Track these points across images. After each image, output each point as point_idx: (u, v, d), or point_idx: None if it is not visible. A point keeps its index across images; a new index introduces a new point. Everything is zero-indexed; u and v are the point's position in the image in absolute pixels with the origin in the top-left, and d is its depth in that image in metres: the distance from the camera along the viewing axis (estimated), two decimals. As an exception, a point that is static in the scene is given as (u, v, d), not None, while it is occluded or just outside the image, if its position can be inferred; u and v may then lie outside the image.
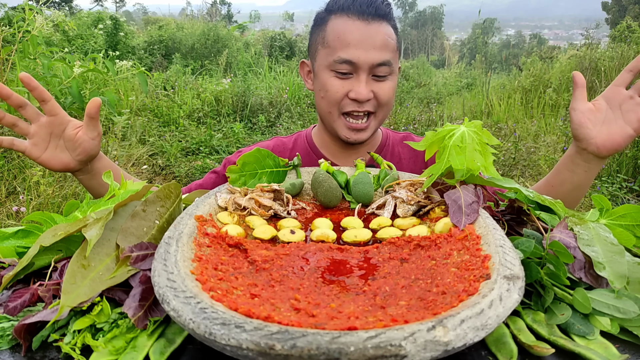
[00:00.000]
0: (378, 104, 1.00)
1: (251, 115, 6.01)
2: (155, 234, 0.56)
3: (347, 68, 0.96)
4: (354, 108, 0.98)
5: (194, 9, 27.51)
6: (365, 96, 0.96)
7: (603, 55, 6.62)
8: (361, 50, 0.95)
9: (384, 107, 1.01)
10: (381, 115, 1.02)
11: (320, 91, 1.01)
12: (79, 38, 9.19)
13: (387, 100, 1.00)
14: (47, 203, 2.71)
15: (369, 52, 0.95)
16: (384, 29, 0.97)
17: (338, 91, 0.98)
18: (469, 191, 0.60)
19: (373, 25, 0.96)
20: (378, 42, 0.96)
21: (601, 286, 0.50)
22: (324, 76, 1.00)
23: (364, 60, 0.95)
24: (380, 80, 0.98)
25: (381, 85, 0.99)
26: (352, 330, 0.34)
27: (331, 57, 0.97)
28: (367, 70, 0.96)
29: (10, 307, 0.49)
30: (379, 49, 0.96)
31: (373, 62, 0.96)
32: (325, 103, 1.01)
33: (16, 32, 2.57)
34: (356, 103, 0.98)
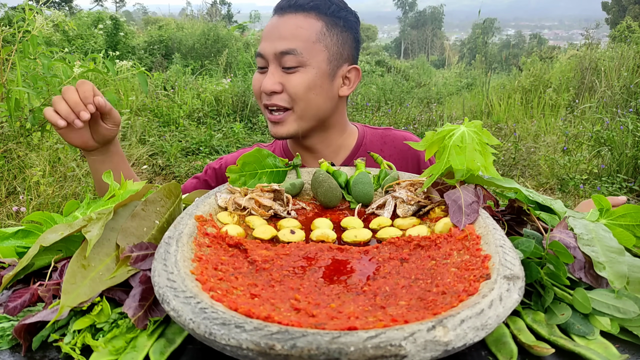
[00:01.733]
0: (289, 97, 0.96)
1: (251, 115, 6.01)
2: (155, 234, 0.56)
3: (261, 62, 0.98)
4: (264, 101, 0.98)
5: (194, 9, 27.52)
6: (268, 88, 0.95)
7: (603, 55, 6.63)
8: (267, 41, 0.96)
9: (298, 102, 0.96)
10: (299, 111, 0.97)
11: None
12: (79, 38, 9.20)
13: (296, 93, 0.95)
14: (47, 203, 2.71)
15: (273, 42, 0.95)
16: (296, 19, 0.95)
17: (255, 85, 1.00)
18: (469, 191, 0.60)
19: (285, 17, 0.97)
20: (284, 31, 0.95)
21: (601, 286, 0.50)
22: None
23: (267, 50, 0.96)
24: (290, 72, 0.95)
25: (289, 77, 0.95)
26: (352, 330, 0.34)
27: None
28: (274, 61, 0.95)
29: (10, 307, 0.49)
30: (284, 38, 0.94)
31: (275, 51, 0.94)
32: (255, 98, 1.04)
33: (16, 32, 2.57)
34: (267, 96, 0.97)
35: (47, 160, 2.91)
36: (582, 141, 4.43)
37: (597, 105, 5.70)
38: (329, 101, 1.00)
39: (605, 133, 4.02)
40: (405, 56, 38.22)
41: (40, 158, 2.89)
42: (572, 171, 3.91)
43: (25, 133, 2.84)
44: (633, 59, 6.01)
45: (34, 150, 2.93)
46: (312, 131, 1.03)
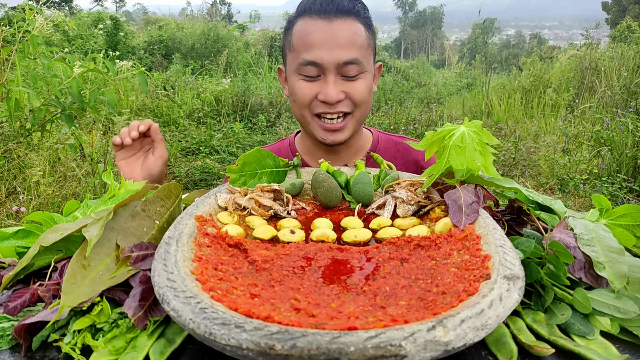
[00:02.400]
0: (352, 103, 0.96)
1: (251, 115, 6.01)
2: (155, 234, 0.56)
3: (313, 70, 0.93)
4: (325, 109, 0.95)
5: (194, 9, 27.54)
6: (334, 98, 0.92)
7: (603, 55, 6.63)
8: (324, 50, 0.91)
9: (360, 107, 0.97)
10: (359, 115, 0.98)
11: (291, 95, 0.99)
12: (79, 38, 9.20)
13: (361, 99, 0.96)
14: (47, 203, 2.71)
15: (334, 51, 0.91)
16: (348, 25, 0.93)
17: (306, 94, 0.95)
18: (469, 191, 0.60)
19: (336, 22, 0.92)
20: (342, 39, 0.92)
21: (601, 286, 0.50)
22: (292, 80, 0.97)
23: (328, 60, 0.91)
24: (351, 80, 0.94)
25: (353, 85, 0.95)
26: (352, 330, 0.34)
27: (297, 61, 0.94)
28: (333, 70, 0.92)
29: (10, 307, 0.49)
30: (344, 47, 0.92)
31: (338, 61, 0.91)
32: (297, 107, 0.99)
33: (16, 32, 2.57)
34: (326, 105, 0.94)
35: (47, 160, 2.91)
36: (582, 141, 4.43)
37: (597, 105, 5.70)
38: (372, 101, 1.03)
39: (605, 133, 4.02)
40: (405, 56, 38.22)
41: (40, 158, 2.89)
42: (572, 171, 3.91)
43: (25, 133, 2.84)
44: (633, 59, 6.01)
45: (34, 150, 2.93)
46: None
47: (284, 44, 1.03)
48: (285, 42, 1.01)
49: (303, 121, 1.01)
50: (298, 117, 1.02)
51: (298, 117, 1.02)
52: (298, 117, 1.02)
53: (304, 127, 1.03)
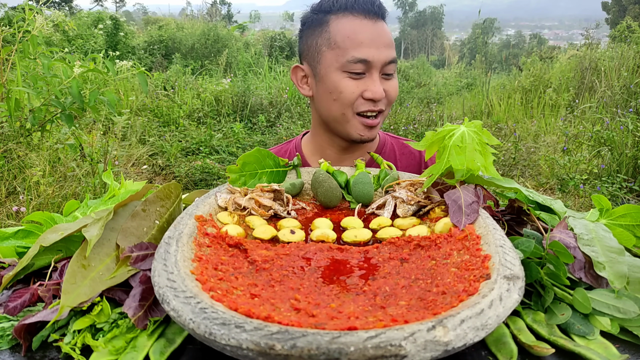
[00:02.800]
0: (388, 102, 1.00)
1: (251, 115, 6.01)
2: (155, 234, 0.56)
3: (361, 67, 0.95)
4: (369, 107, 0.97)
5: (194, 9, 27.53)
6: (381, 95, 0.96)
7: (603, 55, 6.63)
8: (374, 48, 0.95)
9: (390, 105, 1.02)
10: (387, 112, 1.03)
11: (333, 93, 0.98)
12: (79, 38, 9.20)
13: (394, 97, 1.01)
14: (47, 203, 2.71)
15: (381, 50, 0.95)
16: (386, 27, 0.99)
17: (354, 92, 0.96)
18: (469, 191, 0.60)
19: (378, 24, 0.97)
20: (387, 40, 0.97)
21: (601, 286, 0.50)
22: (335, 78, 0.97)
23: (377, 58, 0.95)
24: (389, 78, 0.99)
25: (390, 83, 0.99)
26: (352, 330, 0.34)
27: (343, 58, 0.95)
28: (379, 68, 0.96)
29: (10, 307, 0.49)
30: (388, 47, 0.97)
31: (386, 59, 0.96)
32: (339, 105, 0.98)
33: (16, 32, 2.57)
34: (371, 102, 0.97)
35: (47, 160, 2.91)
36: (582, 141, 4.43)
37: (597, 105, 5.70)
38: None
39: (605, 133, 4.02)
40: (405, 56, 38.21)
41: (40, 158, 2.89)
42: (572, 171, 3.91)
43: (25, 133, 2.84)
44: (633, 59, 6.01)
45: (34, 150, 2.93)
46: None
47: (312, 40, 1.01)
48: (318, 39, 1.00)
49: (341, 119, 1.00)
50: (336, 115, 1.00)
51: (336, 116, 1.01)
52: (336, 116, 1.01)
53: (337, 126, 1.02)
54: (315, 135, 1.11)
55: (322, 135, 1.09)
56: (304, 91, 1.07)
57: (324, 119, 1.04)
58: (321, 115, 1.05)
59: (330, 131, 1.05)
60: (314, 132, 1.12)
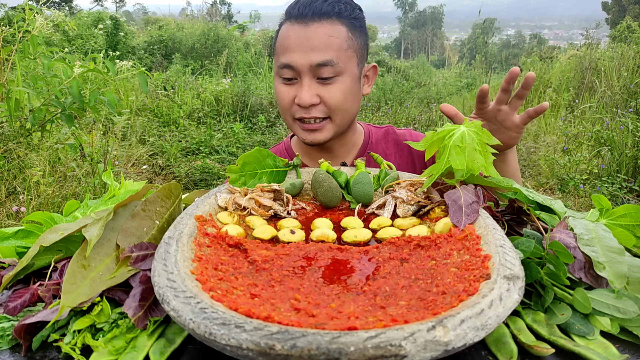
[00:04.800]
0: (328, 108, 0.96)
1: (251, 115, 6.01)
2: (155, 234, 0.56)
3: (289, 73, 0.95)
4: (302, 115, 0.96)
5: (194, 9, 27.53)
6: (307, 101, 0.93)
7: (603, 55, 6.63)
8: (299, 52, 0.92)
9: (337, 112, 0.97)
10: (338, 119, 0.98)
11: (275, 99, 1.02)
12: (79, 38, 9.20)
13: (337, 104, 0.95)
14: (47, 203, 2.71)
15: (307, 54, 0.92)
16: (325, 28, 0.93)
17: (285, 98, 0.97)
18: (469, 191, 0.60)
19: (312, 26, 0.93)
20: (316, 42, 0.92)
21: (601, 286, 0.50)
22: (275, 84, 1.00)
23: (301, 62, 0.92)
24: (327, 83, 0.94)
25: (328, 89, 0.94)
26: (352, 330, 0.34)
27: (276, 64, 0.97)
28: (308, 73, 0.93)
29: (10, 307, 0.49)
30: (318, 50, 0.92)
31: (311, 63, 0.92)
32: (281, 110, 1.01)
33: (16, 32, 2.57)
34: (303, 109, 0.95)
35: (47, 160, 2.91)
36: (582, 141, 4.43)
37: (597, 105, 5.70)
38: (358, 103, 1.03)
39: (605, 133, 4.02)
40: (405, 56, 38.22)
41: (40, 158, 2.89)
42: (572, 171, 3.91)
43: (25, 133, 2.84)
44: (633, 59, 6.01)
45: (34, 150, 2.93)
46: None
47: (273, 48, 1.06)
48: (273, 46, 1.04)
49: (288, 124, 1.03)
50: (284, 119, 1.04)
51: (284, 120, 1.04)
52: (284, 120, 1.04)
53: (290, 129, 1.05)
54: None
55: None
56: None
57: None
58: None
59: None
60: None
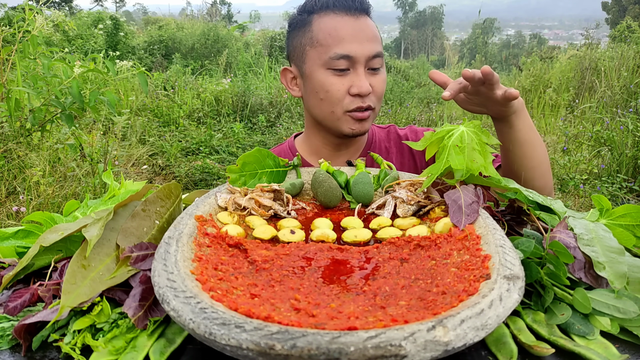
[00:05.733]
0: (376, 98, 1.00)
1: (251, 115, 6.01)
2: (155, 234, 0.56)
3: (344, 64, 0.95)
4: (357, 105, 0.97)
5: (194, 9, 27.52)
6: (367, 89, 0.95)
7: (603, 55, 6.62)
8: (356, 43, 0.95)
9: (379, 101, 1.02)
10: (378, 108, 1.03)
11: (319, 92, 0.98)
12: (79, 38, 9.20)
13: (382, 92, 1.01)
14: (47, 203, 2.71)
15: (364, 45, 0.95)
16: (370, 22, 0.99)
17: (339, 89, 0.96)
18: (469, 191, 0.60)
19: (361, 19, 0.97)
20: (370, 34, 0.97)
21: (601, 286, 0.50)
22: (320, 76, 0.97)
23: (361, 53, 0.95)
24: (375, 73, 0.99)
25: (377, 78, 0.99)
26: (352, 330, 0.34)
27: (326, 55, 0.96)
28: (364, 63, 0.96)
29: (10, 307, 0.49)
30: (372, 41, 0.97)
31: (369, 54, 0.96)
32: (326, 104, 0.98)
33: (16, 32, 2.57)
34: (359, 99, 0.97)
35: (47, 160, 2.91)
36: (582, 141, 4.43)
37: (597, 105, 5.70)
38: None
39: (605, 133, 4.02)
40: (405, 56, 38.20)
41: (40, 158, 2.89)
42: (572, 171, 3.91)
43: (25, 133, 2.84)
44: (633, 59, 6.01)
45: (34, 150, 2.93)
46: None
47: (297, 42, 1.02)
48: (302, 40, 1.01)
49: (331, 118, 1.00)
50: (325, 114, 1.00)
51: (325, 115, 1.01)
52: (325, 115, 1.01)
53: (329, 124, 1.02)
54: (310, 135, 1.12)
55: (316, 134, 1.09)
56: (294, 92, 1.07)
57: (315, 118, 1.05)
58: (312, 115, 1.05)
59: (323, 129, 1.06)
60: (308, 132, 1.13)
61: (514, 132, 0.92)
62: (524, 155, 0.93)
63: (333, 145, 1.09)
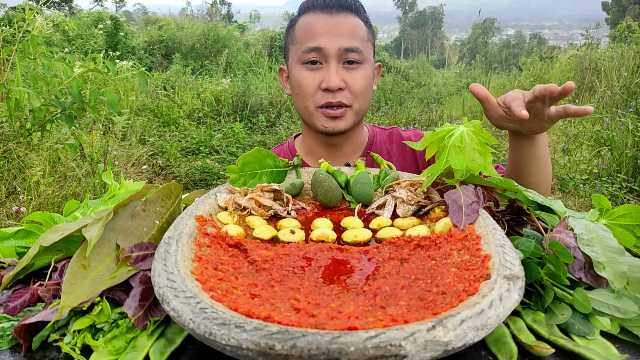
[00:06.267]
0: (352, 94, 0.98)
1: (251, 115, 6.01)
2: (155, 234, 0.56)
3: (315, 56, 0.96)
4: (327, 100, 0.97)
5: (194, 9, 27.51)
6: (335, 84, 0.95)
7: (603, 55, 6.63)
8: (327, 36, 0.96)
9: (358, 98, 0.99)
10: (357, 107, 1.00)
11: (295, 87, 1.01)
12: (79, 38, 9.20)
13: (360, 89, 0.98)
14: (47, 203, 2.71)
15: (336, 38, 0.96)
16: (350, 19, 0.98)
17: (310, 83, 0.97)
18: (469, 191, 0.60)
19: (338, 16, 0.98)
20: (344, 29, 0.97)
21: (601, 286, 0.50)
22: (296, 71, 1.00)
23: (331, 45, 0.95)
24: (352, 68, 0.97)
25: (353, 75, 0.97)
26: (352, 330, 0.34)
27: (300, 50, 0.98)
28: (335, 57, 0.96)
29: (10, 307, 0.49)
30: (346, 36, 0.96)
31: (340, 46, 0.96)
32: (300, 98, 1.00)
33: (16, 32, 2.57)
34: (329, 94, 0.96)
35: (47, 160, 2.91)
36: (582, 141, 4.43)
37: (597, 105, 5.70)
38: (371, 97, 1.05)
39: (605, 133, 4.02)
40: (405, 56, 38.22)
41: (40, 158, 2.89)
42: (572, 171, 3.91)
43: (25, 133, 2.84)
44: (633, 59, 6.01)
45: (34, 150, 2.93)
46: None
47: (286, 42, 1.06)
48: (288, 39, 1.05)
49: (306, 113, 1.02)
50: (301, 109, 1.03)
51: (301, 110, 1.03)
52: (301, 110, 1.03)
53: (306, 120, 1.04)
54: (304, 135, 1.13)
55: (309, 134, 1.10)
56: (287, 90, 1.10)
57: (298, 113, 1.07)
58: (296, 110, 1.08)
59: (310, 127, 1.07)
60: (303, 133, 1.15)
61: (534, 149, 0.91)
62: (536, 171, 0.93)
63: (325, 145, 1.09)
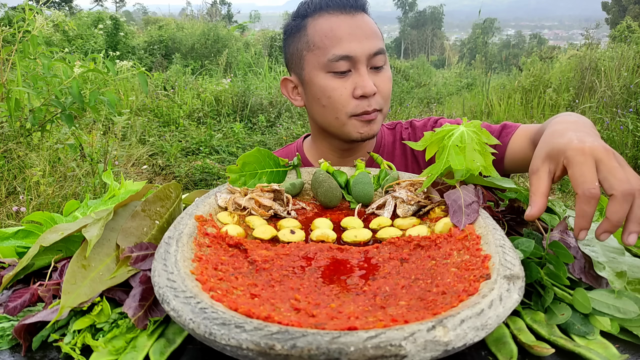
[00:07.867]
0: (382, 98, 0.94)
1: (251, 115, 6.01)
2: (155, 234, 0.56)
3: (345, 65, 0.90)
4: (363, 109, 0.91)
5: (194, 9, 27.51)
6: (372, 89, 0.90)
7: (603, 55, 6.62)
8: (355, 42, 0.89)
9: (387, 101, 0.96)
10: (385, 109, 0.97)
11: (321, 99, 0.93)
12: (79, 38, 9.21)
13: (388, 92, 0.95)
14: (47, 203, 2.71)
15: (363, 43, 0.90)
16: (366, 18, 0.94)
17: (342, 93, 0.90)
18: (469, 191, 0.60)
19: (357, 16, 0.92)
20: (368, 31, 0.91)
21: (601, 286, 0.50)
22: (320, 81, 0.92)
23: (361, 51, 0.89)
24: (379, 71, 0.93)
25: (381, 77, 0.93)
26: (352, 330, 0.34)
27: (324, 58, 0.90)
28: (365, 62, 0.91)
29: (10, 307, 0.49)
30: (371, 38, 0.91)
31: (370, 51, 0.90)
32: (330, 110, 0.93)
33: (16, 32, 2.57)
34: (364, 102, 0.91)
35: (47, 160, 2.91)
36: (582, 141, 4.42)
37: (597, 105, 5.70)
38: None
39: (605, 133, 4.02)
40: (405, 56, 38.19)
41: (40, 158, 2.89)
42: (572, 171, 3.90)
43: (25, 133, 2.84)
44: (633, 59, 6.00)
45: (34, 150, 2.93)
46: None
47: (295, 48, 0.97)
48: (299, 45, 0.96)
49: (336, 124, 0.94)
50: (330, 121, 0.95)
51: (329, 122, 0.95)
52: (329, 122, 0.95)
53: (334, 131, 0.97)
54: (316, 141, 1.08)
55: (322, 141, 1.05)
56: (297, 102, 1.02)
57: (320, 125, 1.00)
58: (317, 123, 1.00)
59: (330, 136, 1.01)
60: (314, 139, 1.09)
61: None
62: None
63: (340, 151, 1.04)
